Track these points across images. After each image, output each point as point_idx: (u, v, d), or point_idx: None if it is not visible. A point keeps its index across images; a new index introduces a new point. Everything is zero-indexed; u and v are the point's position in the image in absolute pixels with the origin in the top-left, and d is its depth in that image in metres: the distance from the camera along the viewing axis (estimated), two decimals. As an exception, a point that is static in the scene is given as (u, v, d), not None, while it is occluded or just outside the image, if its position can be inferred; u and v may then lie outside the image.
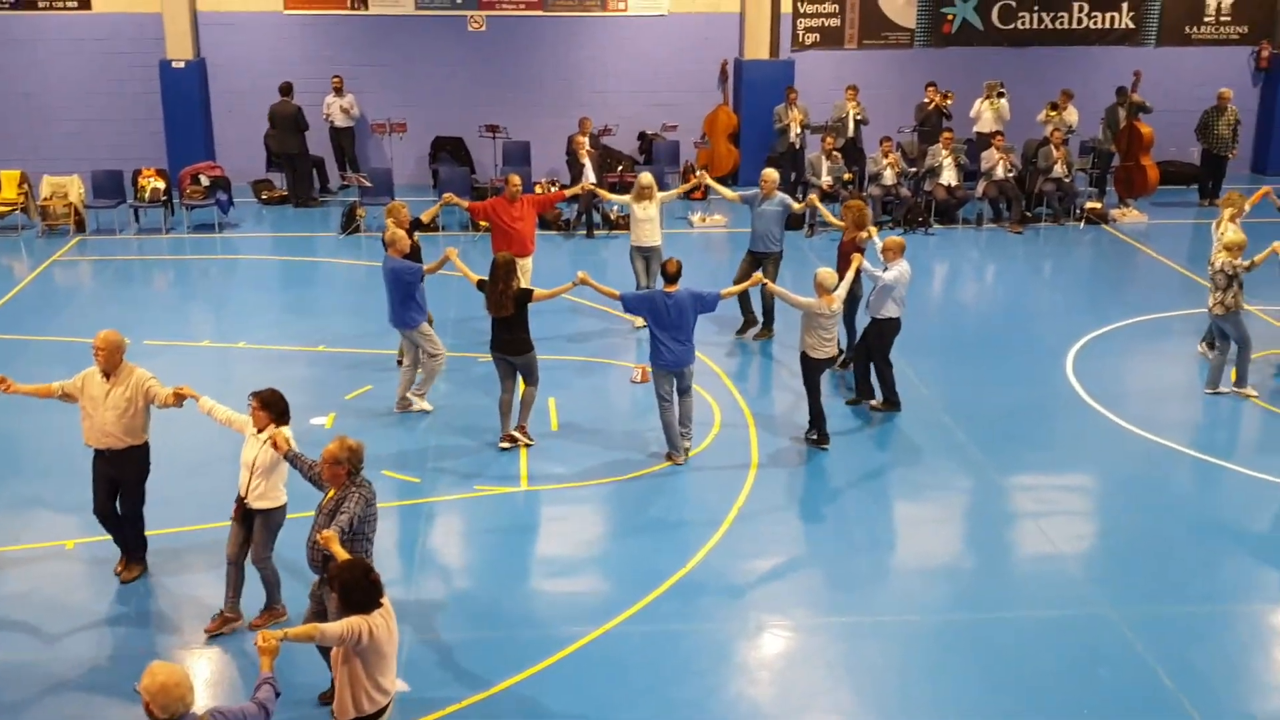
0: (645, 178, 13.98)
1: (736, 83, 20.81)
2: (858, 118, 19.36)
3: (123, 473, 8.68)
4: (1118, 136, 19.35)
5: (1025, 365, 13.17)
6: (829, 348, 10.94)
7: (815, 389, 11.06)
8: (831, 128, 19.10)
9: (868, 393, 11.95)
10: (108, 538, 8.98)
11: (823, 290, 10.75)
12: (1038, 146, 18.82)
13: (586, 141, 18.30)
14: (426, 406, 11.72)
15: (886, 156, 18.19)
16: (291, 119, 19.09)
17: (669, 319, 10.45)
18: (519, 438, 10.98)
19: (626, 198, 14.23)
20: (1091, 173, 19.74)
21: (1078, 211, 18.81)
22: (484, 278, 10.73)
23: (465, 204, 14.19)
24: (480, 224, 16.72)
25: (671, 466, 10.74)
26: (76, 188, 18.12)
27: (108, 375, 8.48)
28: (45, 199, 18.04)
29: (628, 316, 13.78)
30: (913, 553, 9.55)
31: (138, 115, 20.23)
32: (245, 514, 8.10)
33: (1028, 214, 18.65)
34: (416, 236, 12.19)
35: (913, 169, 18.74)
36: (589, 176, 17.83)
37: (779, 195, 13.48)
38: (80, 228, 18.04)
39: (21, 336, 13.72)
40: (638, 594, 8.75)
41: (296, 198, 19.53)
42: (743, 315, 13.89)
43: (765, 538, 9.62)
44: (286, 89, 19.19)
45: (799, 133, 19.19)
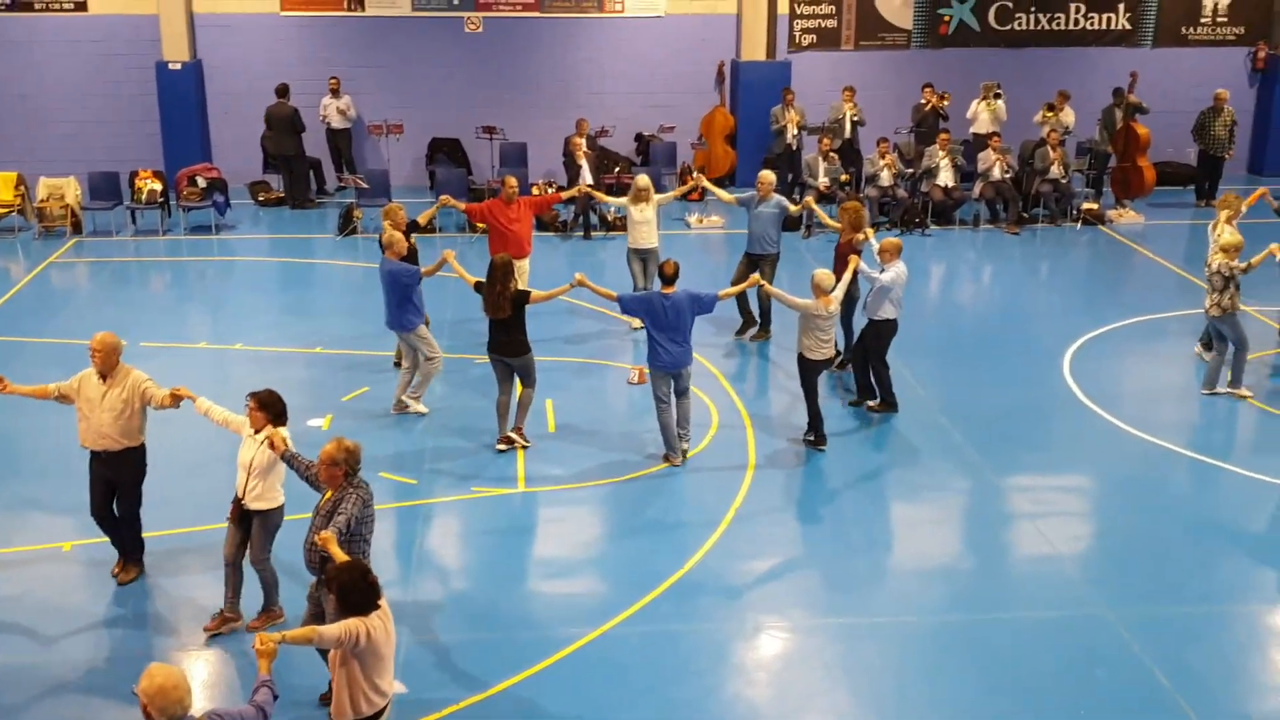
0: (642, 180, 13.97)
1: (733, 84, 20.81)
2: (854, 119, 19.37)
3: (119, 474, 8.67)
4: (1114, 137, 19.36)
5: (1022, 366, 13.18)
6: (826, 349, 10.95)
7: (813, 390, 11.06)
8: (828, 129, 19.11)
9: (869, 394, 11.96)
10: (105, 539, 8.98)
11: (820, 292, 10.76)
12: (1034, 147, 18.83)
13: (583, 143, 18.30)
14: (422, 409, 11.72)
15: (883, 158, 18.20)
16: (288, 120, 19.07)
17: (666, 320, 10.46)
18: (516, 439, 10.98)
19: (623, 200, 14.23)
20: (1088, 174, 19.76)
21: (1074, 212, 18.82)
22: (481, 279, 10.73)
23: (462, 206, 14.19)
24: (477, 225, 16.72)
25: (669, 468, 10.75)
26: (73, 189, 18.11)
27: (104, 377, 8.48)
28: (42, 201, 18.03)
29: (625, 318, 13.79)
30: (910, 554, 9.56)
31: (134, 117, 20.21)
32: (242, 515, 8.10)
33: (1024, 215, 18.66)
34: (414, 238, 12.18)
35: (909, 170, 18.76)
36: (586, 178, 17.83)
37: (775, 197, 13.48)
38: (77, 229, 18.02)
39: (18, 338, 13.71)
40: (635, 595, 8.76)
41: (293, 199, 19.52)
42: (741, 316, 13.91)
43: (763, 539, 9.63)
44: (283, 90, 19.18)
45: (796, 134, 19.19)
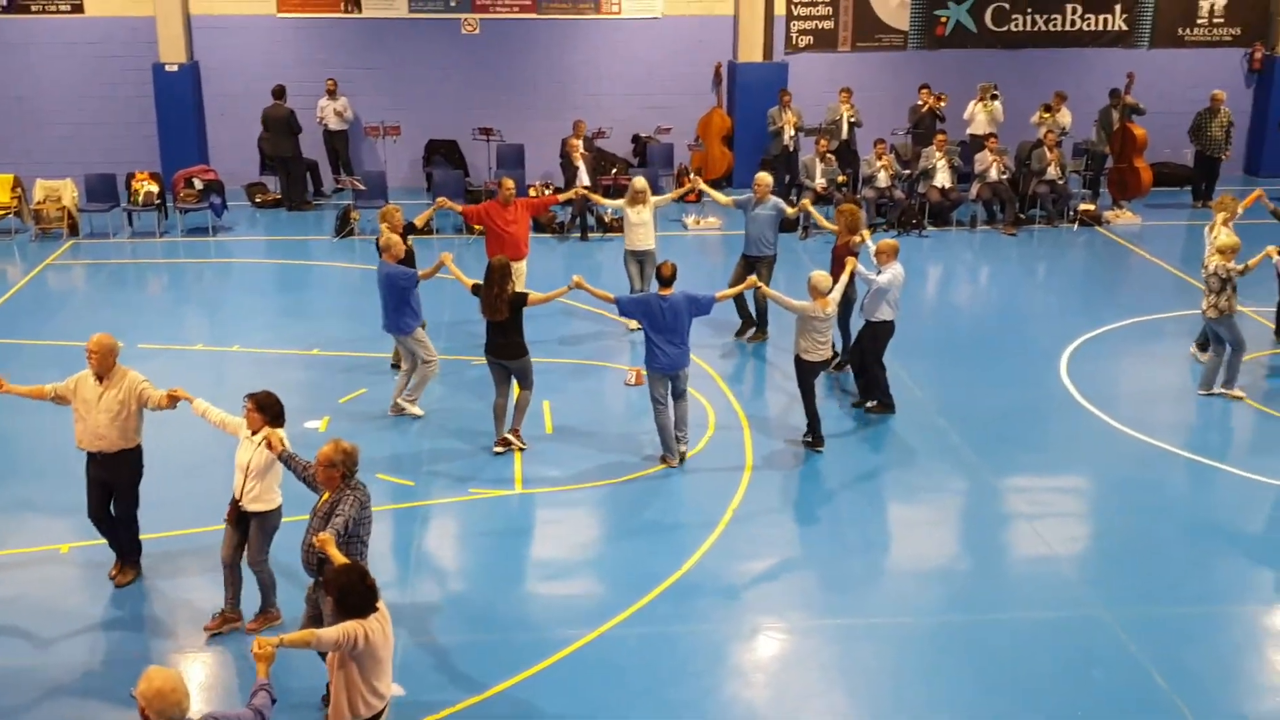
0: (639, 182, 13.96)
1: (730, 85, 20.82)
2: (851, 120, 19.37)
3: (115, 476, 8.67)
4: (1111, 138, 19.39)
5: (1019, 367, 13.19)
6: (823, 351, 10.96)
7: (810, 392, 11.07)
8: (825, 130, 19.12)
9: (872, 395, 11.97)
10: (102, 541, 8.98)
11: (817, 294, 10.76)
12: (1031, 148, 18.84)
13: (580, 144, 18.30)
14: (418, 411, 11.71)
15: (880, 159, 18.21)
16: (284, 122, 19.06)
17: (664, 322, 10.46)
18: (513, 441, 10.98)
19: (620, 202, 14.22)
20: (1085, 174, 19.78)
21: (1071, 213, 18.83)
22: (479, 282, 10.73)
23: (459, 208, 14.16)
24: (474, 227, 16.73)
25: (666, 469, 10.75)
26: (70, 191, 18.10)
27: (100, 378, 8.48)
28: (38, 203, 18.02)
29: (623, 319, 13.80)
30: (907, 555, 9.56)
31: (131, 119, 20.20)
32: (240, 517, 8.10)
33: (1021, 216, 18.66)
34: (410, 240, 12.18)
35: (906, 171, 18.76)
36: (583, 179, 17.85)
37: (772, 199, 13.49)
38: (73, 231, 18.01)
39: (15, 340, 13.69)
40: (633, 596, 8.76)
41: (290, 201, 19.51)
42: (740, 318, 13.91)
43: (760, 540, 9.63)
44: (279, 92, 19.17)
45: (793, 135, 19.20)
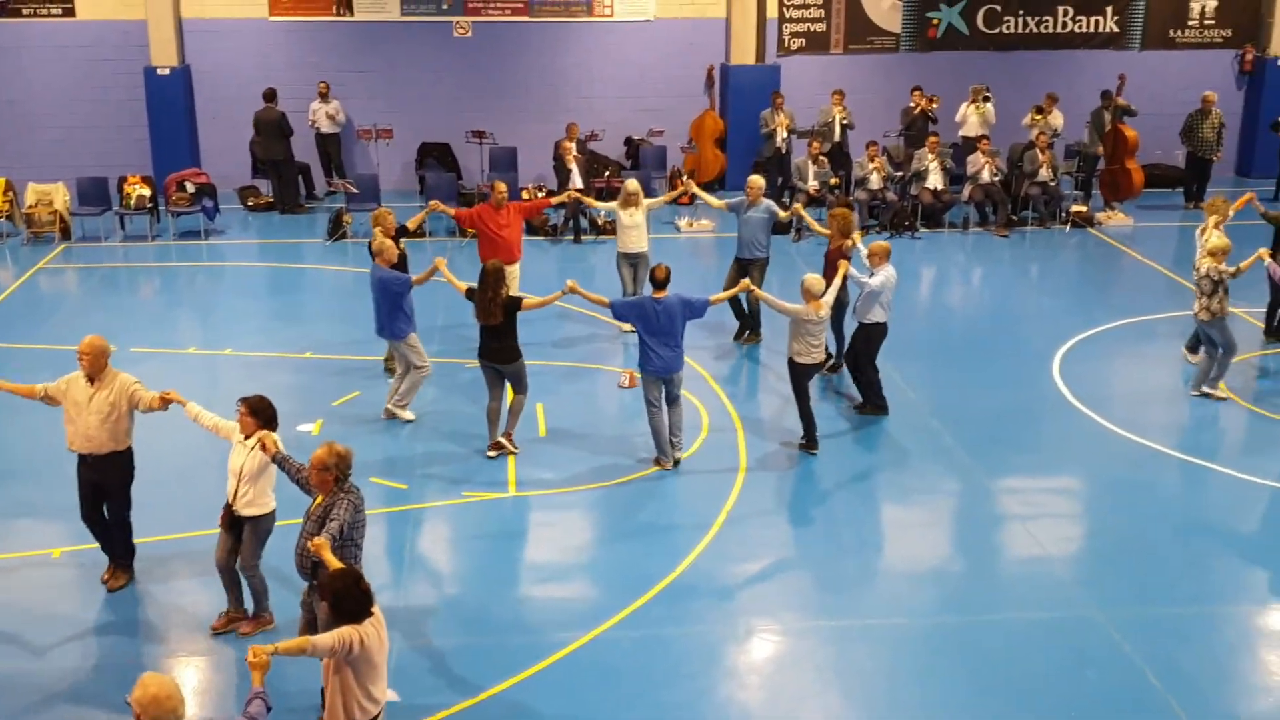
0: (631, 184, 13.95)
1: (723, 88, 20.83)
2: (844, 122, 19.39)
3: (106, 478, 8.66)
4: (1103, 140, 19.43)
5: (1012, 368, 13.21)
6: (817, 353, 10.97)
7: (804, 394, 11.08)
8: (818, 132, 19.14)
9: (867, 397, 11.99)
10: (94, 545, 8.96)
11: (810, 297, 10.77)
12: (1023, 150, 18.87)
13: (573, 147, 18.29)
14: (410, 416, 11.68)
15: (873, 161, 18.22)
16: (276, 125, 19.03)
17: (658, 325, 10.46)
18: (505, 445, 10.97)
19: (612, 204, 14.21)
20: (1077, 176, 19.80)
21: (1063, 215, 18.86)
22: (473, 285, 10.71)
23: (452, 211, 14.13)
24: (467, 231, 16.72)
25: (660, 471, 10.75)
26: (61, 195, 18.06)
27: (92, 380, 8.47)
28: (30, 206, 17.98)
29: (616, 322, 13.79)
30: (901, 556, 9.57)
31: (123, 122, 20.16)
32: (233, 521, 8.09)
33: (1014, 217, 18.69)
34: (403, 243, 12.17)
35: (899, 173, 18.77)
36: (576, 182, 17.84)
37: (765, 202, 13.50)
38: (65, 235, 17.97)
39: (7, 345, 13.65)
40: (627, 598, 8.76)
41: (283, 204, 19.48)
42: (737, 320, 13.91)
43: (754, 541, 9.64)
44: (270, 95, 19.14)
45: (785, 138, 19.21)
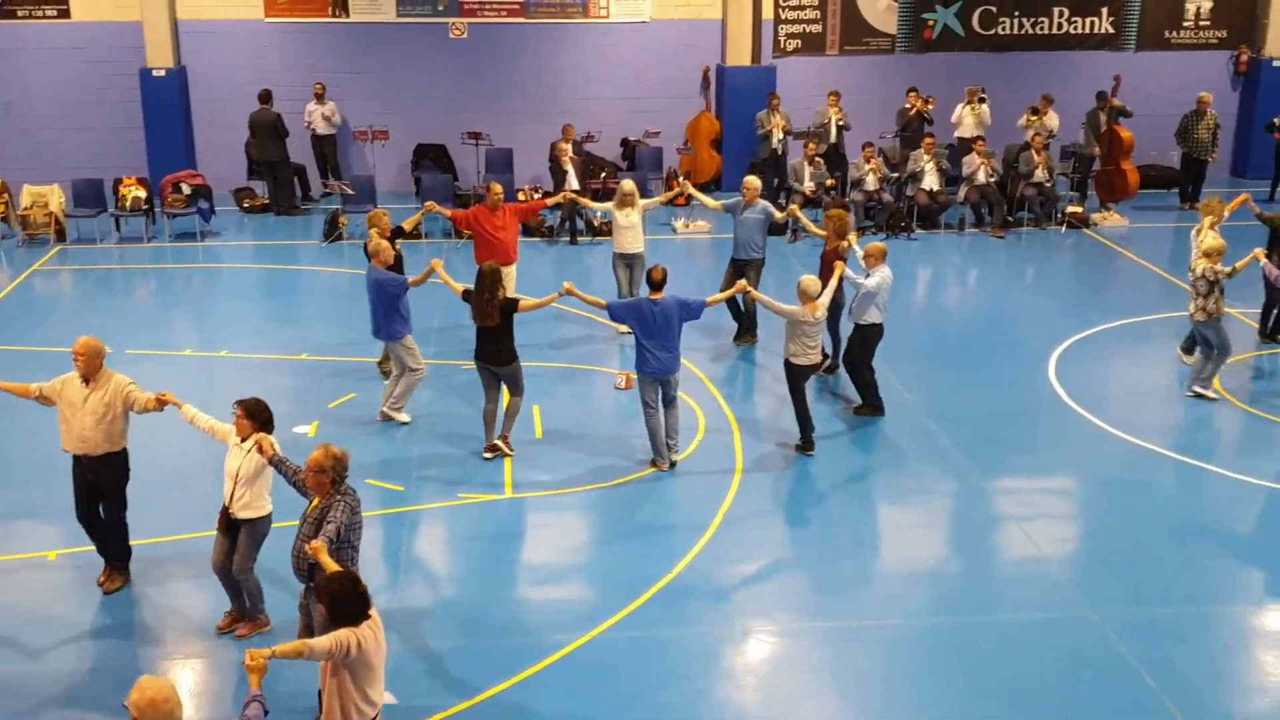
0: (627, 185, 13.96)
1: (719, 89, 20.84)
2: (840, 123, 19.41)
3: (101, 479, 8.65)
4: (1098, 141, 19.44)
5: (1008, 369, 13.22)
6: (813, 355, 10.97)
7: (800, 395, 11.08)
8: (814, 133, 19.15)
9: (864, 398, 12.00)
10: (90, 548, 8.95)
11: (806, 298, 10.78)
12: (1019, 151, 18.90)
13: (569, 148, 18.28)
14: (405, 418, 11.67)
15: (869, 162, 18.23)
16: (271, 126, 19.02)
17: (655, 326, 10.45)
18: (501, 448, 10.96)
19: (608, 205, 14.22)
20: (1072, 177, 19.84)
21: (1059, 216, 18.88)
22: (469, 287, 10.71)
23: (448, 212, 14.12)
24: (463, 232, 16.72)
25: (656, 472, 10.75)
26: (57, 197, 18.04)
27: (87, 380, 8.46)
28: (25, 208, 17.96)
29: (613, 324, 13.78)
30: (897, 557, 9.58)
31: (118, 124, 20.14)
32: (230, 524, 8.08)
33: (1009, 218, 18.71)
34: (399, 245, 12.16)
35: (895, 174, 18.79)
36: (572, 183, 17.83)
37: (761, 203, 13.50)
38: (61, 237, 17.95)
39: (2, 347, 13.63)
40: (624, 600, 8.76)
41: (279, 206, 19.47)
42: (736, 322, 13.91)
43: (750, 542, 9.64)
44: (265, 96, 19.13)
45: (781, 139, 19.23)
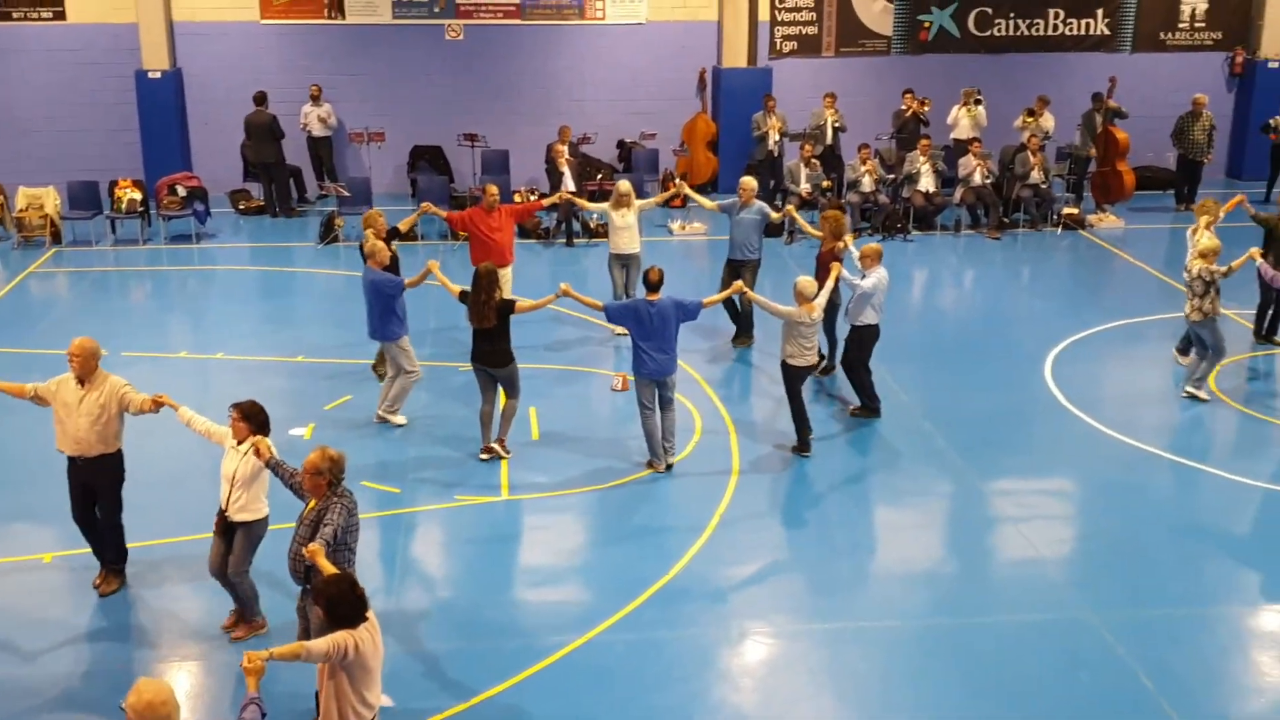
0: (623, 185, 13.97)
1: (715, 91, 20.84)
2: (836, 125, 19.41)
3: (96, 480, 8.64)
4: (1094, 142, 19.46)
5: (1004, 370, 13.22)
6: (810, 356, 10.97)
7: (797, 397, 11.08)
8: (810, 135, 19.15)
9: (861, 399, 12.00)
10: (86, 550, 8.93)
11: (803, 299, 10.78)
12: (1015, 153, 18.90)
13: (565, 150, 18.28)
14: (401, 420, 11.65)
15: (865, 164, 18.24)
16: (266, 128, 18.99)
17: (652, 328, 10.45)
18: (497, 450, 10.95)
19: (604, 205, 14.22)
20: (1068, 178, 19.85)
21: (1055, 217, 18.89)
22: (466, 289, 10.71)
23: (443, 213, 14.12)
24: (459, 233, 16.71)
25: (653, 474, 10.75)
26: (52, 199, 18.01)
27: (82, 382, 8.45)
28: (21, 210, 17.92)
29: (609, 325, 13.78)
30: (894, 558, 9.58)
31: (113, 126, 20.11)
32: (227, 526, 8.06)
33: (1005, 220, 18.72)
34: (395, 246, 12.15)
35: (891, 176, 18.80)
36: (568, 185, 17.84)
37: (757, 204, 13.51)
38: (56, 239, 17.92)
39: (-3, 349, 13.64)
40: (620, 602, 8.75)
41: (278, 208, 19.43)
42: (734, 324, 13.90)
43: (747, 544, 9.64)
44: (260, 98, 19.10)
45: (777, 140, 19.23)
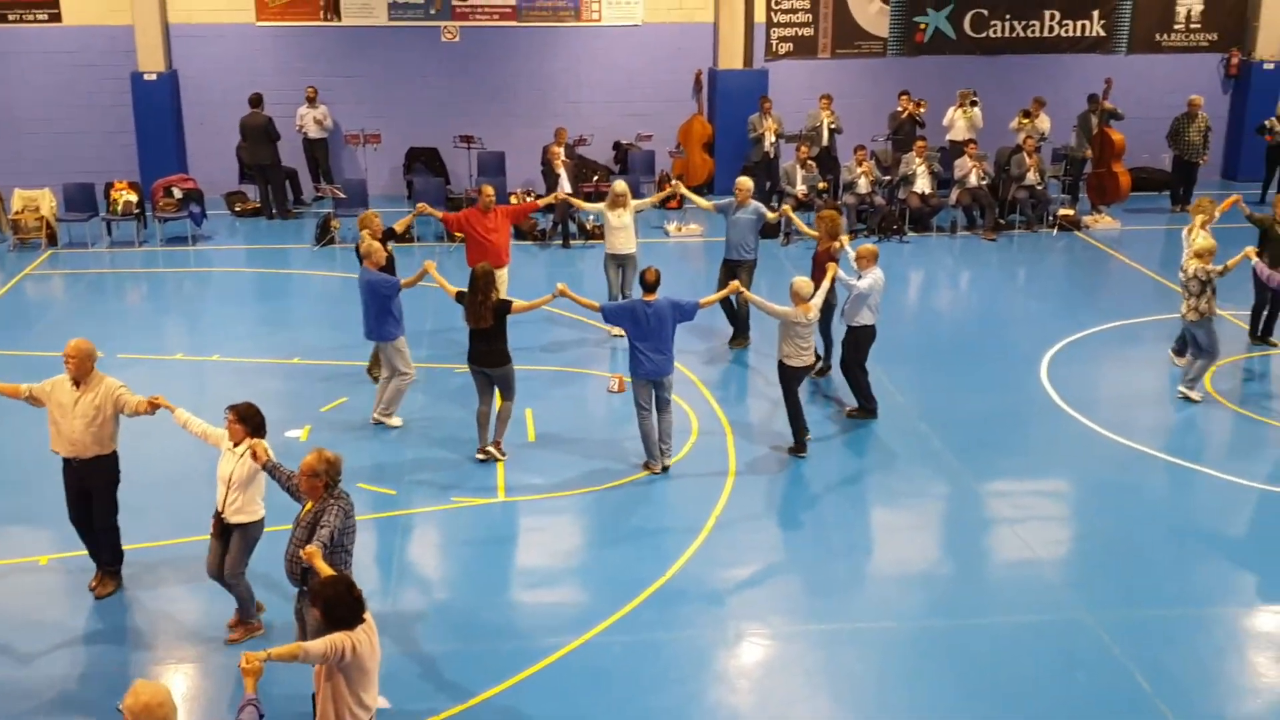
0: (619, 185, 13.99)
1: (711, 92, 20.85)
2: (832, 127, 19.41)
3: (91, 481, 8.63)
4: (1090, 143, 19.47)
5: (1000, 372, 13.24)
6: (806, 356, 10.98)
7: (793, 397, 11.09)
8: (806, 137, 19.16)
9: (858, 400, 12.01)
10: (82, 552, 8.92)
11: (799, 299, 10.79)
12: (1010, 154, 18.92)
13: (562, 152, 18.29)
14: (396, 422, 11.65)
15: (861, 165, 18.25)
16: (262, 130, 18.98)
17: (649, 328, 10.46)
18: (493, 453, 10.95)
19: (600, 206, 14.23)
20: (1064, 179, 19.87)
21: (1051, 218, 18.91)
22: (463, 289, 10.71)
23: (439, 214, 14.12)
24: (455, 235, 16.71)
25: (649, 475, 10.75)
26: (48, 201, 17.99)
27: (78, 383, 8.45)
28: (16, 213, 17.91)
29: (606, 326, 13.79)
30: (890, 559, 9.58)
31: (109, 128, 20.10)
32: (224, 529, 8.06)
33: (1001, 221, 18.74)
34: (391, 247, 12.14)
35: (887, 177, 18.80)
36: (564, 187, 17.85)
37: (753, 204, 13.51)
38: (52, 241, 17.91)
39: (-7, 351, 13.63)
40: (617, 603, 8.75)
41: (275, 210, 19.40)
42: (731, 325, 13.91)
43: (743, 545, 9.64)
44: (256, 100, 19.09)
45: (774, 142, 19.24)
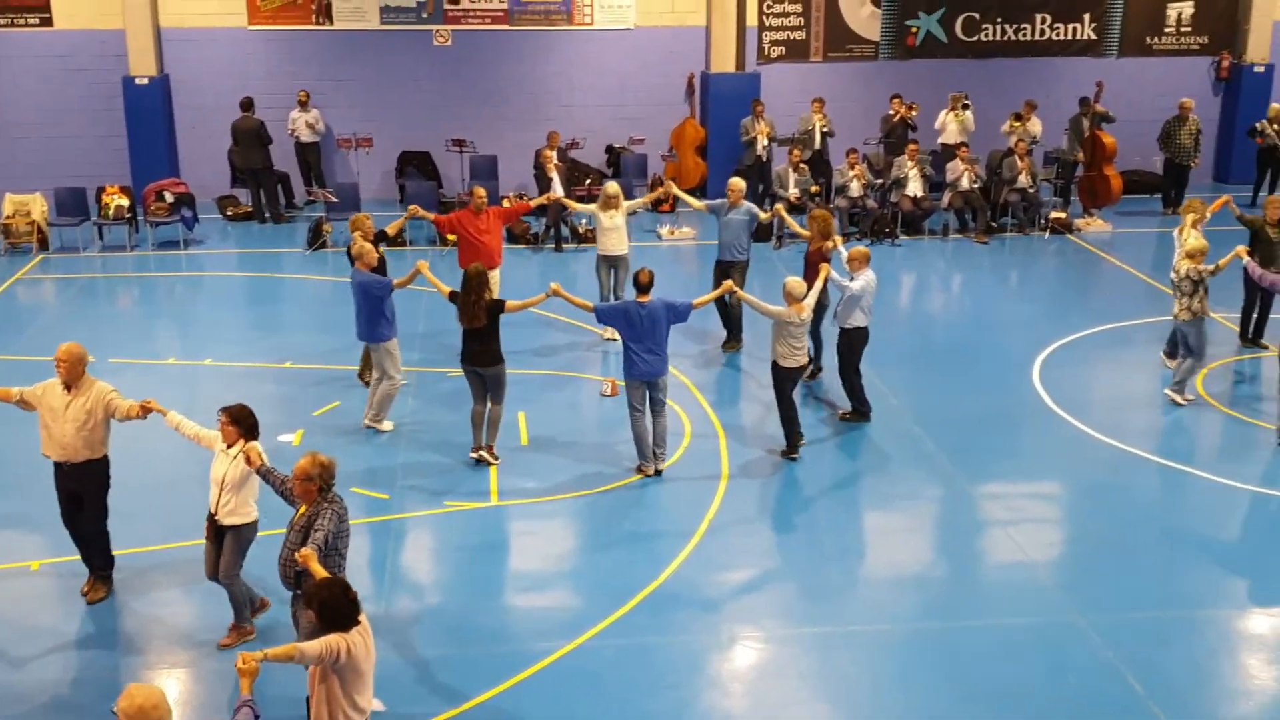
0: (611, 187, 13.99)
1: (703, 96, 20.87)
2: (824, 130, 19.44)
3: (81, 486, 8.61)
4: (1081, 146, 19.51)
5: (992, 374, 13.25)
6: (799, 357, 10.98)
7: (786, 399, 11.09)
8: (798, 140, 19.19)
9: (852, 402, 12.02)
10: (74, 558, 8.90)
11: (792, 299, 10.80)
12: (1002, 157, 18.96)
13: (554, 155, 18.29)
14: (388, 426, 11.63)
15: (853, 168, 18.27)
16: (253, 134, 18.96)
17: (643, 329, 10.46)
18: (486, 458, 10.93)
19: (592, 207, 14.24)
20: (1056, 182, 19.91)
21: (1042, 221, 18.94)
22: (455, 289, 10.71)
23: (431, 216, 14.11)
24: (448, 238, 16.70)
25: (642, 479, 10.74)
26: (39, 206, 17.95)
27: (69, 387, 8.42)
28: (8, 217, 17.86)
29: (599, 329, 13.79)
30: (883, 562, 9.58)
31: (101, 132, 20.06)
32: (217, 531, 8.04)
33: (993, 224, 18.77)
34: (382, 250, 12.12)
35: (879, 180, 18.83)
36: (557, 190, 17.84)
37: (745, 204, 13.53)
38: (43, 246, 17.86)
39: (-16, 356, 13.58)
40: (610, 607, 8.74)
41: (269, 214, 19.36)
42: (725, 328, 13.90)
43: (737, 549, 9.64)
44: (247, 104, 19.07)
45: (766, 145, 19.26)
